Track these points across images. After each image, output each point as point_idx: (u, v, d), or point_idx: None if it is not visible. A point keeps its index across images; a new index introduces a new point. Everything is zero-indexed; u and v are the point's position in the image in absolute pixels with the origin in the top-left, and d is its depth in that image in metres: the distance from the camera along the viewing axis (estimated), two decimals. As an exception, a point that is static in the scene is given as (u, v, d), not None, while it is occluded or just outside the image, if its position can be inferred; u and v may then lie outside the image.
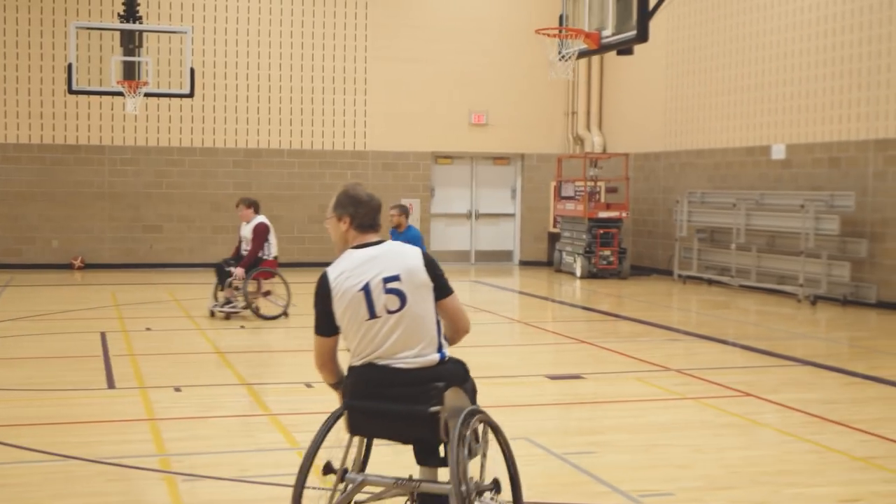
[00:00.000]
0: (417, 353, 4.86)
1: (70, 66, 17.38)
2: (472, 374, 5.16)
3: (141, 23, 17.90)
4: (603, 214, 21.04)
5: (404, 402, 4.84)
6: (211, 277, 14.62)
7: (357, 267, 4.88)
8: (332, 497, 4.97)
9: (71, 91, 17.84)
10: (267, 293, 14.20)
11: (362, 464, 5.09)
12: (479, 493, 4.89)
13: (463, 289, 19.87)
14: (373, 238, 5.01)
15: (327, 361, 5.05)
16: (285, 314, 13.93)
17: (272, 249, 14.00)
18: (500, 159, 24.25)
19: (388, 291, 4.83)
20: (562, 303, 17.67)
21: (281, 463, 7.01)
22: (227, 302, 13.92)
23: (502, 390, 9.34)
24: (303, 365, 11.24)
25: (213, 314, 13.97)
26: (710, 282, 19.42)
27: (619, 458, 7.19)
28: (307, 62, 22.58)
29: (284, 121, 22.54)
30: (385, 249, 4.95)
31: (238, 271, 13.63)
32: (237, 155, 22.32)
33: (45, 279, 19.60)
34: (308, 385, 9.56)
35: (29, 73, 21.08)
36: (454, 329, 5.10)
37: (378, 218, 5.06)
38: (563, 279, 21.08)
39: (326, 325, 4.93)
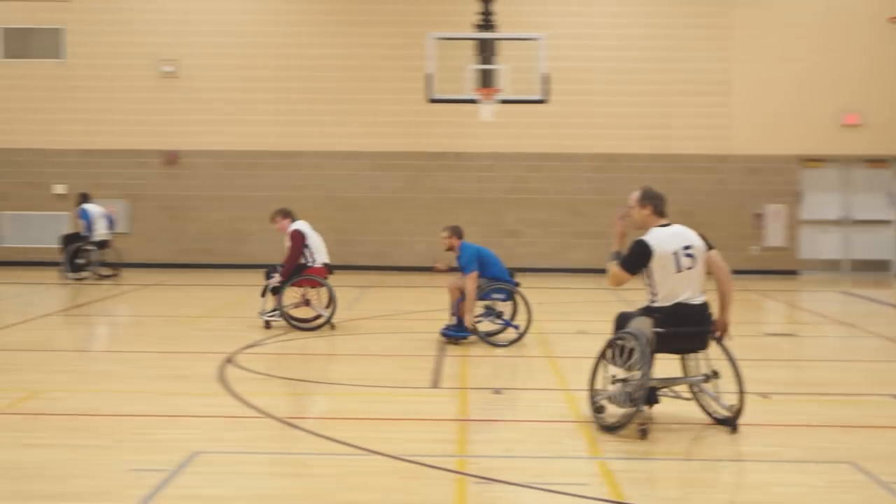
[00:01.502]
0: (700, 295, 7.64)
1: (429, 75, 17.99)
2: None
3: (496, 31, 18.21)
4: None
5: (698, 326, 7.66)
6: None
7: (666, 238, 7.58)
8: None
9: (431, 100, 18.47)
10: (307, 302, 13.33)
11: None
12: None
13: (830, 300, 18.67)
14: (665, 221, 7.70)
15: (622, 284, 7.69)
16: (330, 325, 13.10)
17: (317, 256, 13.19)
18: (875, 162, 22.56)
19: (687, 255, 7.55)
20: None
21: (577, 472, 6.80)
22: (274, 309, 13.16)
23: (836, 409, 8.57)
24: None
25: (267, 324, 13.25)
26: None
27: (957, 491, 6.35)
28: (666, 64, 22.15)
29: (643, 125, 22.23)
30: (679, 229, 7.71)
31: (274, 279, 13.01)
32: (595, 160, 22.27)
33: (409, 281, 20.47)
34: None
35: (395, 84, 22.17)
36: (720, 276, 7.74)
37: (667, 208, 7.75)
38: (944, 292, 19.27)
39: (635, 268, 7.56)
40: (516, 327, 12.22)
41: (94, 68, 22.59)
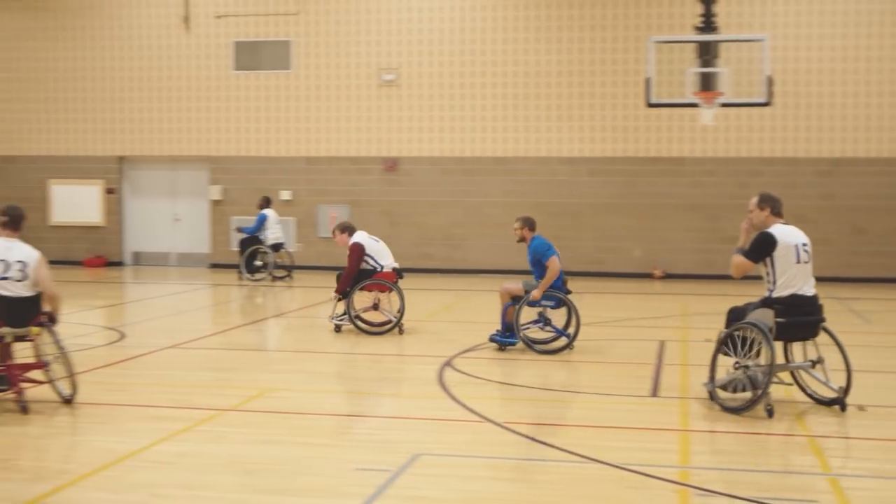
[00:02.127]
0: (812, 286, 8.46)
1: (648, 80, 17.75)
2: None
3: (717, 33, 17.80)
4: None
5: (811, 316, 8.49)
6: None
7: (788, 233, 8.36)
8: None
9: (650, 105, 18.21)
10: (375, 306, 13.37)
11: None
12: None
13: None
14: (783, 221, 8.45)
15: (743, 273, 8.46)
16: (399, 329, 13.14)
17: (384, 261, 13.16)
18: None
19: (804, 250, 8.37)
20: None
21: (806, 487, 6.54)
22: (344, 313, 13.29)
23: None
24: (882, 389, 10.47)
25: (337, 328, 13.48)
26: None
27: None
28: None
29: (872, 127, 21.25)
30: (795, 228, 8.47)
31: (333, 295, 13.20)
32: (820, 164, 21.44)
33: (625, 287, 20.23)
34: (860, 408, 8.81)
35: (613, 88, 21.99)
36: None
37: (783, 210, 8.51)
38: None
39: (758, 257, 8.34)
40: (568, 336, 11.87)
41: (318, 78, 23.38)
